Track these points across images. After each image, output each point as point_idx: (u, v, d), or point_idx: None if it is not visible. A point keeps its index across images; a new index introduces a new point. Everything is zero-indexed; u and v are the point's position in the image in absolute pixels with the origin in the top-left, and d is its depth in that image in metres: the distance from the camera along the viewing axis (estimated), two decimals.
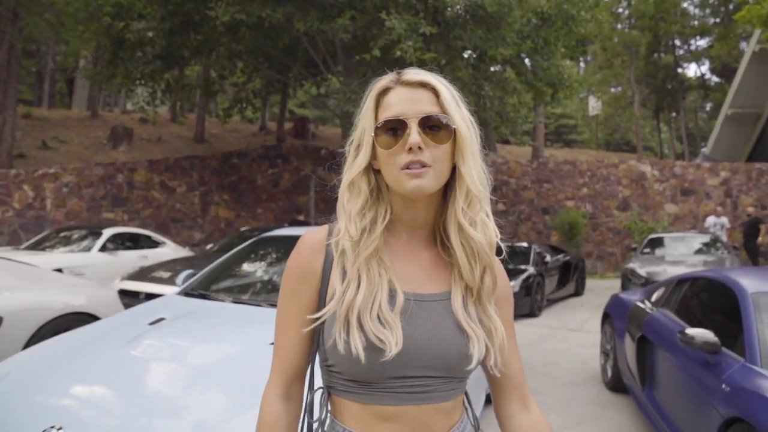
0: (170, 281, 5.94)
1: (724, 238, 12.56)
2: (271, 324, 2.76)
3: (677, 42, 32.45)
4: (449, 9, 9.65)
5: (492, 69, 12.36)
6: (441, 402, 0.98)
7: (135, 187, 13.39)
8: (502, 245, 1.07)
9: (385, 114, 0.99)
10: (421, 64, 9.48)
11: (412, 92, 0.99)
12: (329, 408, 1.01)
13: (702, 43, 33.51)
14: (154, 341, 2.48)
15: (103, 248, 8.71)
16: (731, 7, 29.41)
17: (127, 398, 2.06)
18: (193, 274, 3.71)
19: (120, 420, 1.89)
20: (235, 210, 14.37)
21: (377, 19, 9.51)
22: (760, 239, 13.11)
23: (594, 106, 26.98)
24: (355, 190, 1.03)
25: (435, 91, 0.99)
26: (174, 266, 6.83)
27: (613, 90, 34.90)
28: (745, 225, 13.61)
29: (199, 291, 3.32)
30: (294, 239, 3.83)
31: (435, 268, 1.05)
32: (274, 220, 14.33)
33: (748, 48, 21.52)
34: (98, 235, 8.90)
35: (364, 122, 1.03)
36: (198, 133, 17.94)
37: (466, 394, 1.10)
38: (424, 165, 0.95)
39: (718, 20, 32.77)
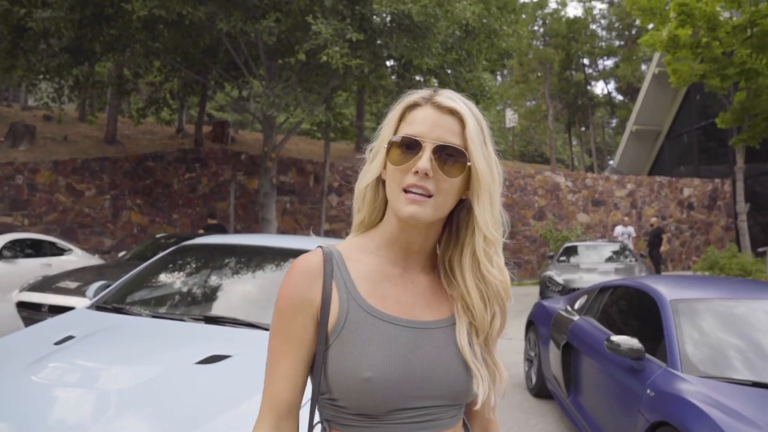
0: (78, 292, 5.46)
1: (632, 247, 13.35)
2: (196, 340, 2.56)
3: (587, 61, 34.49)
4: (376, 17, 9.64)
5: (416, 78, 12.50)
6: (446, 429, 0.96)
7: (37, 190, 12.36)
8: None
9: (406, 129, 0.96)
10: (347, 70, 9.45)
11: (439, 116, 0.95)
12: None
13: (609, 63, 35.82)
14: (61, 363, 2.20)
15: (0, 256, 7.94)
16: (634, 31, 31.66)
17: (28, 430, 1.80)
18: (107, 286, 3.39)
19: None
20: (149, 215, 13.61)
21: (303, 23, 9.34)
22: (662, 248, 14.05)
23: (511, 118, 28.05)
24: (361, 200, 1.03)
25: (462, 122, 0.96)
26: (82, 275, 6.31)
27: (528, 104, 36.49)
28: (650, 234, 14.56)
29: (113, 304, 3.03)
30: (218, 248, 3.61)
31: (433, 294, 1.02)
32: (191, 226, 13.70)
33: (649, 70, 23.21)
34: None
35: (384, 132, 1.00)
36: (109, 134, 16.87)
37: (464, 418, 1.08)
38: (426, 193, 0.92)
39: (622, 43, 35.17)
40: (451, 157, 0.94)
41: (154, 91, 14.03)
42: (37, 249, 8.55)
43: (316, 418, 0.97)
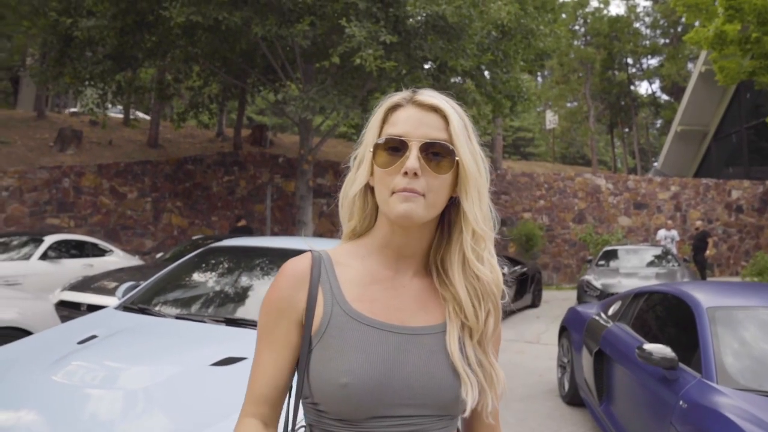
0: (115, 292, 5.62)
1: (675, 251, 12.91)
2: (214, 342, 2.58)
3: (630, 60, 33.58)
4: (410, 19, 9.60)
5: (452, 80, 12.39)
6: None
7: (83, 192, 12.81)
8: (506, 291, 1.01)
9: (390, 131, 0.95)
10: (381, 73, 9.45)
11: (422, 114, 0.94)
12: None
13: (653, 62, 34.80)
14: (82, 362, 2.25)
15: (44, 256, 8.23)
16: (680, 29, 30.66)
17: (48, 428, 1.84)
18: (135, 287, 3.46)
19: None
20: (189, 217, 13.93)
21: (337, 26, 9.38)
22: (707, 252, 13.53)
23: (551, 120, 27.55)
24: (348, 206, 1.02)
25: (446, 118, 0.94)
26: (121, 276, 6.49)
27: (569, 105, 35.78)
28: (694, 238, 14.04)
29: (139, 305, 3.09)
30: (243, 250, 3.64)
31: (426, 298, 0.99)
32: (229, 227, 13.96)
33: (696, 68, 22.43)
34: (39, 242, 8.40)
35: (368, 136, 0.99)
36: (151, 138, 17.37)
37: (458, 429, 1.04)
38: (418, 190, 0.91)
39: (667, 41, 34.11)
40: (438, 154, 0.93)
41: (194, 96, 14.36)
42: (80, 250, 8.84)
43: (301, 421, 0.97)
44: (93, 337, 2.50)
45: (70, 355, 2.29)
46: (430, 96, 0.97)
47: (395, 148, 0.93)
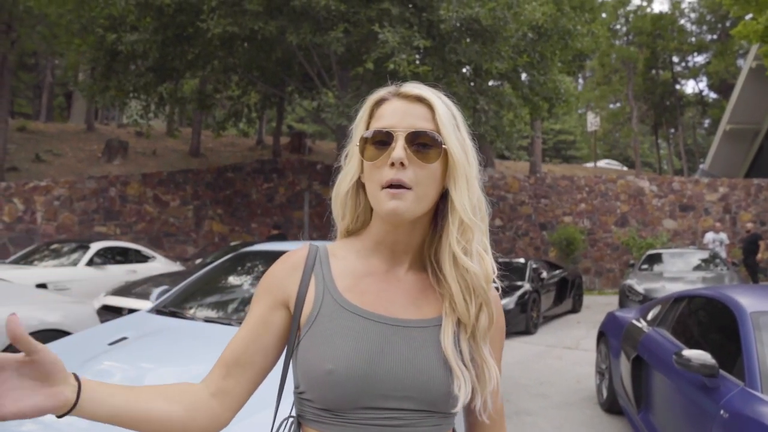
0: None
1: (724, 254, 12.40)
2: None
3: (675, 58, 32.55)
4: (444, 23, 9.58)
5: (488, 83, 12.29)
6: None
7: (128, 201, 13.26)
8: (499, 283, 0.99)
9: (376, 125, 0.95)
10: (416, 78, 9.45)
11: (407, 106, 0.94)
12: None
13: (699, 59, 33.67)
14: (111, 362, 2.31)
15: (91, 262, 8.54)
16: (728, 23, 29.57)
17: (74, 428, 1.90)
18: (167, 290, 3.55)
19: None
20: (230, 224, 14.22)
21: (371, 33, 9.44)
22: (759, 255, 12.95)
23: (592, 121, 26.95)
24: (341, 205, 1.02)
25: (432, 108, 0.94)
26: (162, 281, 6.66)
27: (611, 106, 34.97)
28: (745, 241, 13.46)
29: (170, 308, 3.16)
30: (274, 254, 3.68)
31: (421, 293, 0.98)
32: (267, 234, 14.19)
33: (746, 64, 21.58)
34: (86, 248, 8.74)
35: (355, 132, 1.00)
36: (193, 147, 17.86)
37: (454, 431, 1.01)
38: (406, 182, 0.89)
39: (715, 37, 32.94)
40: (425, 144, 0.92)
41: (233, 105, 14.70)
42: (124, 256, 9.14)
43: (293, 412, 0.97)
44: (124, 338, 2.57)
45: (101, 355, 2.36)
46: (414, 87, 0.96)
47: (382, 140, 0.92)
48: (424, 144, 0.91)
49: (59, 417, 0.77)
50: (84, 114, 24.11)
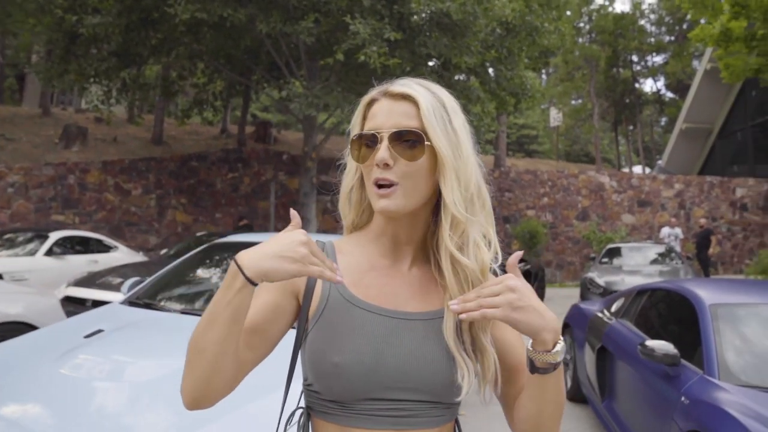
0: (119, 287, 5.65)
1: (678, 249, 12.88)
2: None
3: (635, 58, 33.47)
4: (414, 16, 9.61)
5: (456, 77, 12.39)
6: (425, 428, 0.93)
7: (88, 189, 12.87)
8: (497, 269, 1.00)
9: (367, 125, 0.98)
10: (386, 70, 9.46)
11: (393, 104, 0.96)
12: (310, 430, 0.98)
13: (658, 59, 34.67)
14: (89, 356, 2.28)
15: (50, 252, 8.28)
16: (685, 26, 30.55)
17: (55, 419, 1.87)
18: (140, 282, 3.50)
19: None
20: (193, 214, 13.98)
21: (342, 23, 9.39)
22: (711, 250, 13.51)
23: (555, 117, 27.47)
24: (345, 201, 1.05)
25: (417, 104, 0.95)
26: (125, 271, 6.52)
27: (573, 102, 35.71)
28: (698, 236, 14.02)
29: (144, 300, 3.12)
30: (246, 246, 3.66)
31: (423, 285, 1.01)
32: (233, 225, 14.00)
33: (701, 66, 22.35)
34: (44, 238, 8.46)
35: (352, 133, 1.01)
36: (156, 135, 17.43)
37: (457, 421, 1.04)
38: (390, 183, 0.92)
39: (673, 38, 33.98)
40: (408, 141, 0.93)
41: (198, 93, 14.40)
42: (85, 246, 8.89)
43: (301, 402, 1.00)
44: (99, 331, 2.53)
45: (77, 349, 2.32)
46: (401, 85, 0.97)
47: (370, 142, 0.95)
48: (408, 141, 0.93)
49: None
50: (38, 97, 23.21)
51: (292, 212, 0.96)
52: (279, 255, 0.83)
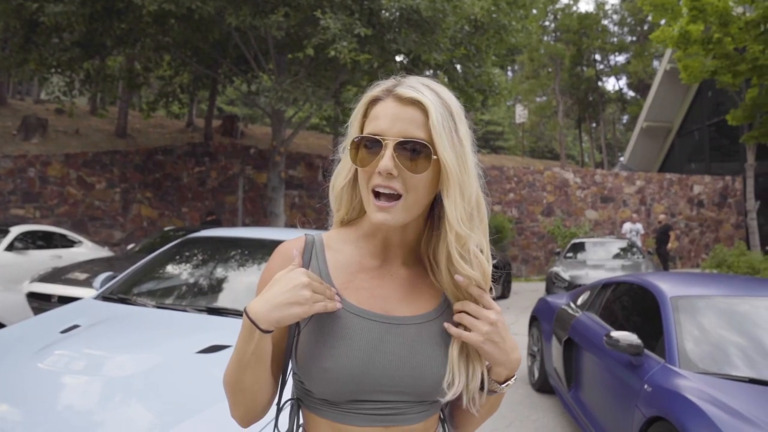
0: (87, 283, 5.55)
1: (639, 244, 13.29)
2: (198, 330, 2.61)
3: (598, 57, 34.23)
4: (384, 11, 9.65)
5: (425, 74, 12.48)
6: (412, 424, 0.96)
7: (49, 182, 12.51)
8: (494, 286, 1.03)
9: (369, 127, 0.93)
10: (355, 65, 9.47)
11: (400, 109, 0.91)
12: (300, 421, 0.99)
13: (620, 59, 35.52)
14: (67, 351, 2.26)
15: (11, 247, 8.03)
16: (646, 27, 31.38)
17: (35, 416, 1.86)
18: (113, 277, 3.46)
19: None
20: (159, 209, 13.73)
21: (311, 18, 9.36)
22: (669, 245, 13.98)
23: (521, 114, 27.92)
24: (337, 198, 1.03)
25: (426, 112, 0.90)
26: (91, 267, 6.39)
27: (538, 99, 36.29)
28: (657, 231, 14.49)
29: (119, 295, 3.09)
30: (222, 241, 3.66)
31: (413, 288, 1.00)
32: (199, 219, 13.81)
33: (661, 66, 23.01)
34: (5, 232, 8.20)
35: (351, 131, 0.97)
36: (120, 128, 17.02)
37: (442, 410, 1.07)
38: (394, 190, 0.90)
39: (634, 39, 34.86)
40: (415, 152, 0.89)
41: (164, 85, 14.12)
42: (47, 241, 8.66)
43: (293, 394, 1.02)
44: (76, 326, 2.51)
45: (54, 344, 2.30)
46: (410, 87, 0.92)
47: (372, 145, 0.91)
48: (414, 151, 0.89)
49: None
50: None
51: (294, 252, 0.97)
52: (286, 303, 0.87)
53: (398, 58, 11.48)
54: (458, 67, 12.86)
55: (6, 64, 11.22)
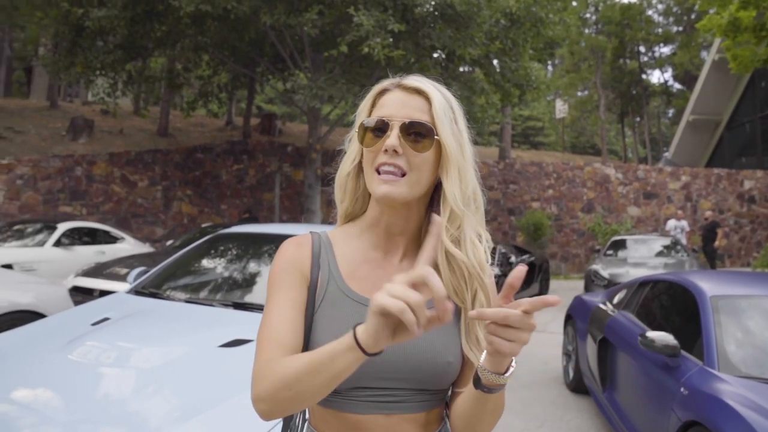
0: (127, 278, 5.71)
1: (684, 241, 12.85)
2: (222, 325, 2.64)
3: (642, 48, 33.21)
4: (418, 7, 9.58)
5: (461, 69, 12.35)
6: (414, 413, 0.97)
7: (94, 181, 12.96)
8: (494, 270, 1.02)
9: (376, 114, 1.00)
10: (389, 62, 9.45)
11: (406, 97, 0.99)
12: (306, 414, 1.03)
13: (665, 50, 34.42)
14: (96, 342, 2.33)
15: (58, 243, 8.37)
16: (693, 16, 30.25)
17: (64, 404, 1.92)
18: (145, 272, 3.54)
19: (58, 428, 1.76)
20: (199, 206, 14.05)
21: (345, 15, 9.38)
22: (717, 243, 13.46)
23: (561, 109, 27.36)
24: (341, 187, 1.06)
25: (429, 100, 0.98)
26: (132, 262, 6.58)
27: (579, 94, 35.52)
28: (704, 229, 13.97)
29: (150, 289, 3.17)
30: (251, 237, 3.71)
31: None
32: (238, 216, 14.07)
33: (709, 57, 22.16)
34: (53, 229, 8.55)
35: (358, 120, 1.03)
36: (161, 127, 17.49)
37: (447, 405, 1.06)
38: (399, 168, 0.95)
39: (681, 29, 33.68)
40: (419, 133, 0.96)
41: (203, 85, 14.43)
42: (92, 237, 8.97)
43: None
44: (106, 319, 2.58)
45: (84, 336, 2.37)
46: (415, 80, 1.01)
47: (379, 128, 0.98)
48: (418, 133, 0.96)
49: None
50: (45, 90, 23.31)
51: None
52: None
53: (434, 55, 11.40)
54: (495, 61, 12.69)
55: (56, 67, 11.68)
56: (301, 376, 0.85)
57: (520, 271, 0.83)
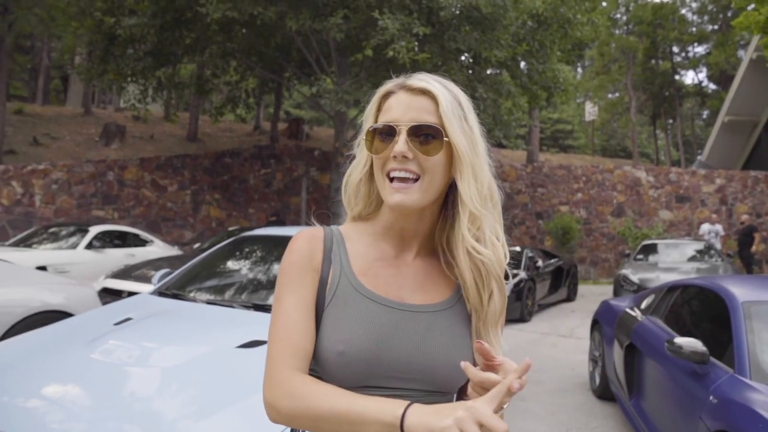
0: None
1: (719, 246, 12.50)
2: (241, 326, 2.66)
3: (675, 48, 32.48)
4: (443, 10, 9.56)
5: (487, 72, 12.27)
6: None
7: (126, 185, 13.26)
8: (509, 270, 1.02)
9: (382, 118, 0.98)
10: (415, 65, 9.45)
11: (411, 98, 0.96)
12: None
13: (700, 50, 33.58)
14: (118, 342, 2.37)
15: (90, 246, 8.58)
16: (730, 14, 29.46)
17: (88, 401, 1.96)
18: (169, 273, 3.60)
19: (84, 424, 1.79)
20: (227, 209, 14.25)
21: (371, 19, 9.41)
22: (754, 248, 13.06)
23: (590, 111, 26.91)
24: (353, 193, 1.05)
25: (435, 100, 0.95)
26: (160, 265, 6.69)
27: (610, 96, 34.92)
28: (740, 233, 13.55)
29: (173, 291, 3.21)
30: (274, 239, 3.73)
31: (428, 277, 1.02)
32: (265, 220, 14.22)
33: (746, 55, 21.54)
34: (85, 232, 8.78)
35: (365, 125, 1.01)
36: (191, 132, 17.82)
37: None
38: (411, 173, 0.93)
39: (716, 27, 32.83)
40: (428, 136, 0.94)
41: (231, 90, 14.65)
42: (122, 240, 9.17)
43: None
44: (128, 319, 2.63)
45: (107, 335, 2.41)
46: (419, 80, 0.98)
47: (386, 133, 0.95)
48: (426, 135, 0.94)
49: None
50: (80, 97, 23.97)
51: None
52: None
53: (461, 58, 11.34)
54: (521, 63, 12.57)
55: (89, 75, 12.02)
56: (329, 418, 0.84)
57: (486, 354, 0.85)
